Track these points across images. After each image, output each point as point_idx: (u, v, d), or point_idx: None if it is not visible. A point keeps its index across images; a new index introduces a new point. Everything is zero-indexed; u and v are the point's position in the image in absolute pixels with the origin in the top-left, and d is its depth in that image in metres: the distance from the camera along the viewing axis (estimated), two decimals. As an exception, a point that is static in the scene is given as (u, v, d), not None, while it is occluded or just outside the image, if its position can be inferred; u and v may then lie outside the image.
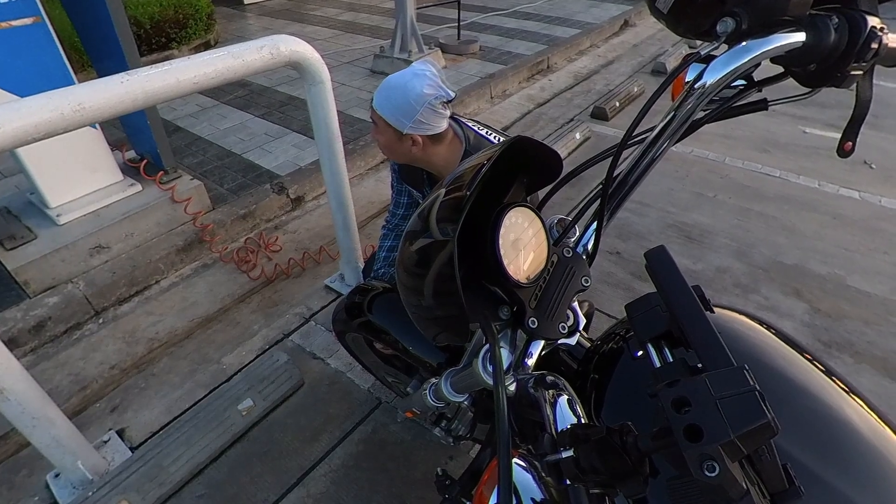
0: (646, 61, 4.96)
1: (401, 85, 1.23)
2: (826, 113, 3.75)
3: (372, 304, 1.24)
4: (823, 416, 0.51)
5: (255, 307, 2.21)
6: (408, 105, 1.22)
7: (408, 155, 1.34)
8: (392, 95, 1.24)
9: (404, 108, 1.23)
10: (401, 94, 1.23)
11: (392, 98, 1.24)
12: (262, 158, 3.09)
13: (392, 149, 1.34)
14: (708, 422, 0.34)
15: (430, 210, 0.52)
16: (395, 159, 1.43)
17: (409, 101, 1.22)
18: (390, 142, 1.32)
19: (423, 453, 1.59)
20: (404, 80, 1.23)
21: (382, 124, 1.29)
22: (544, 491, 0.54)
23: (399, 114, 1.24)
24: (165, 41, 4.72)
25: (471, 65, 4.58)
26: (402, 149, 1.32)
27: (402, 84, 1.23)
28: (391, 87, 1.25)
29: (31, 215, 2.24)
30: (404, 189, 1.59)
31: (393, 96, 1.24)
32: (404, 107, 1.23)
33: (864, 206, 2.75)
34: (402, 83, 1.23)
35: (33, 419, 1.28)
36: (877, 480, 0.47)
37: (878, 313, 2.08)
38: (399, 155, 1.37)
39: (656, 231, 2.60)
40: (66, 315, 2.04)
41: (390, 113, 1.25)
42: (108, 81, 1.16)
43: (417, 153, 1.32)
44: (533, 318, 0.55)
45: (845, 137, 0.71)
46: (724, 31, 0.60)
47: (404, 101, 1.23)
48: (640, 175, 0.65)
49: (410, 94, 1.22)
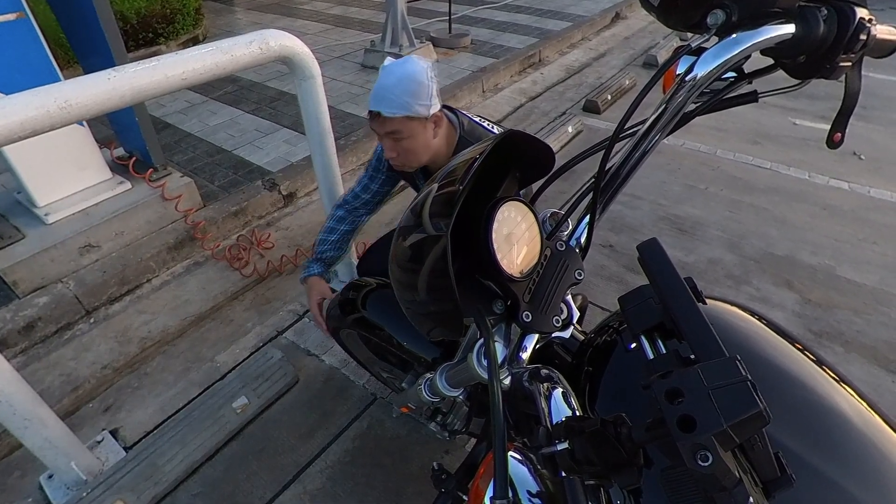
0: (637, 54, 4.96)
1: (403, 75, 1.18)
2: (816, 104, 3.78)
3: (366, 300, 1.23)
4: (814, 404, 0.52)
5: (248, 304, 2.20)
6: (421, 84, 1.17)
7: (433, 144, 1.28)
8: (403, 89, 1.18)
9: (419, 91, 1.17)
10: (410, 81, 1.17)
11: (406, 91, 1.17)
12: (253, 155, 3.07)
13: (427, 145, 1.27)
14: (701, 412, 0.34)
15: (422, 205, 0.52)
16: (415, 163, 1.33)
17: (421, 80, 1.17)
18: (425, 138, 1.25)
19: (418, 448, 1.59)
20: (400, 70, 1.18)
21: (409, 126, 1.21)
22: (540, 483, 0.55)
23: (421, 99, 1.18)
24: (152, 37, 4.66)
25: (462, 58, 4.56)
26: (431, 139, 1.26)
27: (403, 74, 1.18)
28: (395, 84, 1.19)
29: (19, 215, 2.21)
30: (387, 179, 1.54)
31: (404, 89, 1.17)
32: (419, 90, 1.17)
33: (854, 197, 2.78)
34: (402, 73, 1.18)
35: (25, 420, 1.27)
36: (866, 467, 0.48)
37: (867, 303, 2.10)
38: (430, 150, 1.29)
39: (648, 223, 2.61)
40: (56, 315, 2.02)
41: (413, 102, 1.18)
42: (95, 78, 1.14)
43: (436, 140, 1.27)
44: (527, 312, 0.55)
45: (835, 129, 0.71)
46: (715, 23, 0.60)
47: (416, 84, 1.17)
48: (633, 168, 0.65)
49: (418, 74, 1.16)
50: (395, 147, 1.27)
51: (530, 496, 0.54)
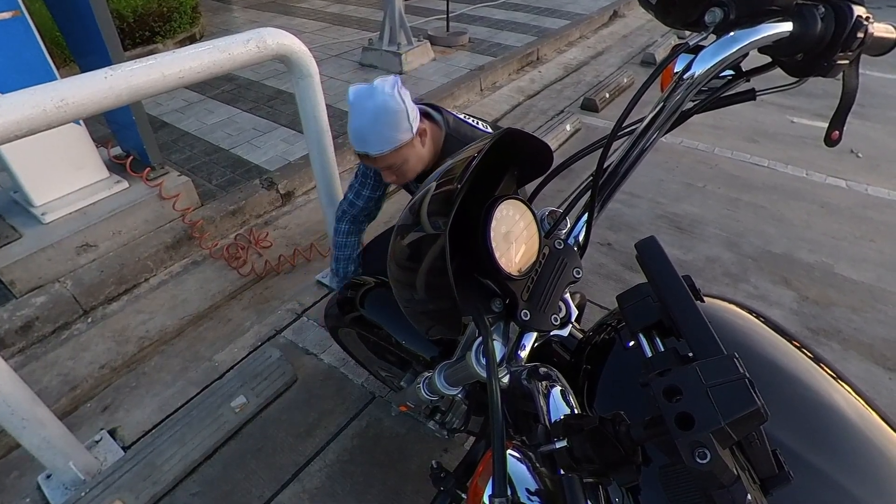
0: (635, 52, 4.96)
1: (375, 111, 1.17)
2: (813, 102, 3.79)
3: (364, 299, 1.23)
4: (812, 402, 0.52)
5: (246, 304, 2.19)
6: (398, 113, 1.17)
7: (423, 157, 1.29)
8: (382, 124, 1.18)
9: (397, 120, 1.18)
10: (385, 114, 1.17)
11: (385, 125, 1.18)
12: (250, 153, 3.06)
13: (420, 158, 1.28)
14: (699, 410, 0.34)
15: (421, 204, 0.52)
16: (420, 170, 1.34)
17: (396, 109, 1.17)
18: (417, 156, 1.26)
19: (417, 446, 1.60)
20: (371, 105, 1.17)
21: (400, 154, 1.23)
22: (538, 481, 0.55)
23: (402, 127, 1.19)
24: (149, 35, 4.64)
25: (460, 57, 4.55)
26: (421, 156, 1.27)
27: (375, 109, 1.17)
28: (372, 122, 1.18)
29: (16, 214, 2.20)
30: (376, 183, 1.53)
31: (383, 123, 1.18)
32: (397, 119, 1.18)
33: (851, 195, 2.78)
34: (374, 108, 1.17)
35: (23, 420, 1.26)
36: (863, 464, 0.48)
37: (864, 300, 2.11)
38: (421, 165, 1.31)
39: (647, 222, 2.61)
40: (53, 315, 2.02)
41: (396, 135, 1.19)
42: (92, 77, 1.13)
43: (427, 149, 1.27)
44: (525, 311, 0.55)
45: (832, 127, 0.72)
46: (712, 21, 0.60)
47: (392, 114, 1.17)
48: (631, 166, 0.65)
49: (389, 104, 1.16)
50: (392, 174, 1.29)
51: (529, 494, 0.54)
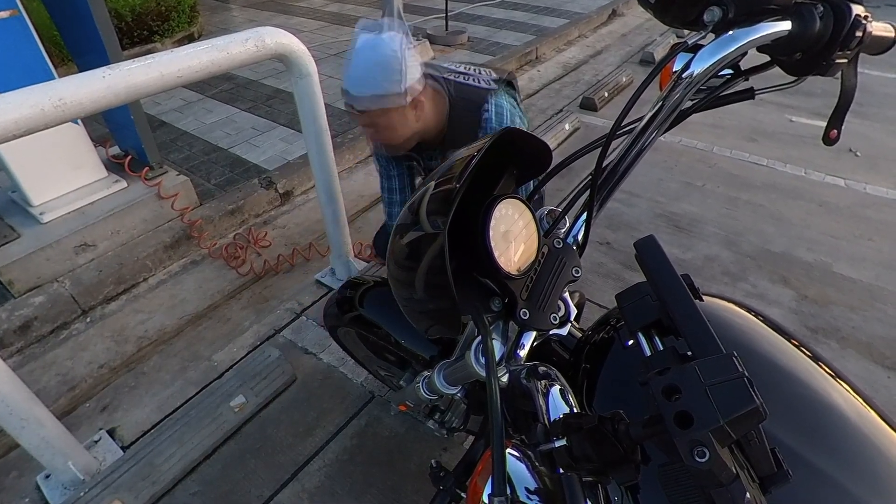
0: (634, 51, 4.96)
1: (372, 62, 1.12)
2: (812, 101, 3.79)
3: (363, 298, 1.23)
4: (810, 400, 0.52)
5: (245, 303, 2.19)
6: (391, 73, 1.12)
7: (414, 129, 1.25)
8: (372, 82, 1.13)
9: (388, 80, 1.12)
10: (379, 72, 1.12)
11: (375, 82, 1.13)
12: (249, 153, 3.05)
13: (404, 132, 1.24)
14: (698, 408, 0.34)
15: (419, 203, 0.52)
16: (406, 146, 1.31)
17: (392, 68, 1.12)
18: (402, 128, 1.21)
19: (416, 446, 1.60)
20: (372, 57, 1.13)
21: (386, 117, 1.18)
22: (538, 480, 0.55)
23: (390, 90, 1.13)
24: (148, 34, 4.63)
25: (459, 56, 4.55)
26: (411, 125, 1.23)
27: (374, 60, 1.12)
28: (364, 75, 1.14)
29: (14, 214, 2.20)
30: (389, 159, 1.59)
31: (374, 81, 1.13)
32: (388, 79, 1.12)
33: (850, 194, 2.78)
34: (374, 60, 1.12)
35: (21, 420, 1.26)
36: (862, 463, 0.48)
37: (863, 299, 2.11)
38: (410, 136, 1.27)
39: (646, 221, 2.61)
40: (52, 315, 2.01)
41: (384, 99, 1.14)
42: (90, 76, 1.13)
43: (421, 121, 1.24)
44: (524, 310, 0.55)
45: (831, 125, 0.72)
46: (711, 20, 0.61)
47: (387, 72, 1.12)
48: (629, 165, 0.65)
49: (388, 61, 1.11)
50: (375, 134, 1.26)
51: (528, 493, 0.54)
